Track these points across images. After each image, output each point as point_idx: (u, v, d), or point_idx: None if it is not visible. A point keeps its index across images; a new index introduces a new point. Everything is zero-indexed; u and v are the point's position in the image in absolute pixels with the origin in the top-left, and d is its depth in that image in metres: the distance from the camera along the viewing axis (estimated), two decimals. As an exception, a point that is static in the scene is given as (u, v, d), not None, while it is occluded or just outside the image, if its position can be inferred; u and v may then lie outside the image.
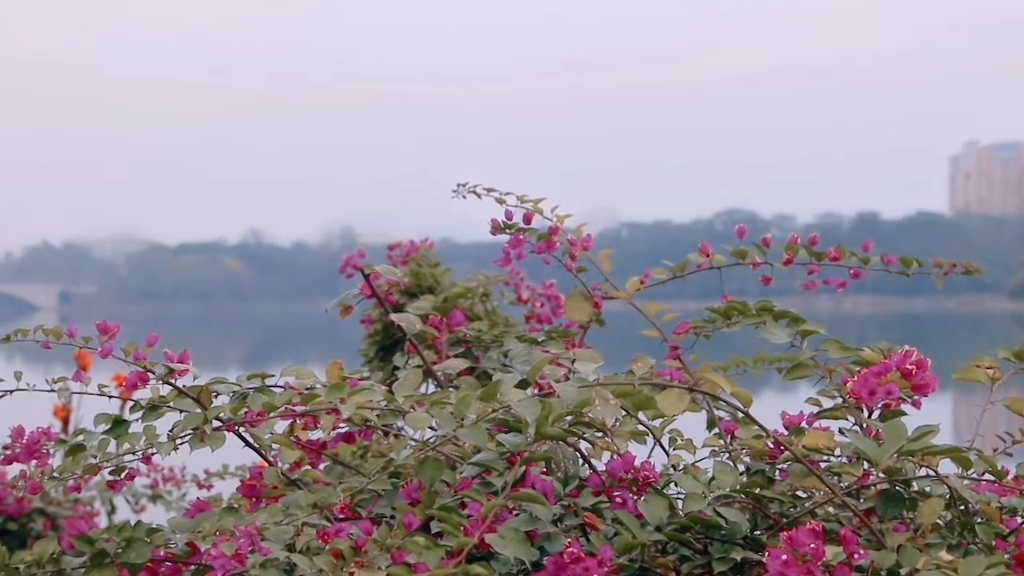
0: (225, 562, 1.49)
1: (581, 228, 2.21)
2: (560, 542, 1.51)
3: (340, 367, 1.92)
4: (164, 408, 1.82)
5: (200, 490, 4.56)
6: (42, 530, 4.40)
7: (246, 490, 1.87)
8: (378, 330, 3.24)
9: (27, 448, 1.88)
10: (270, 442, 1.85)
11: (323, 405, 1.71)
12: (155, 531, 1.65)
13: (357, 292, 2.20)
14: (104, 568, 1.63)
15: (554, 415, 1.51)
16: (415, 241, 3.30)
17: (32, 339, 1.88)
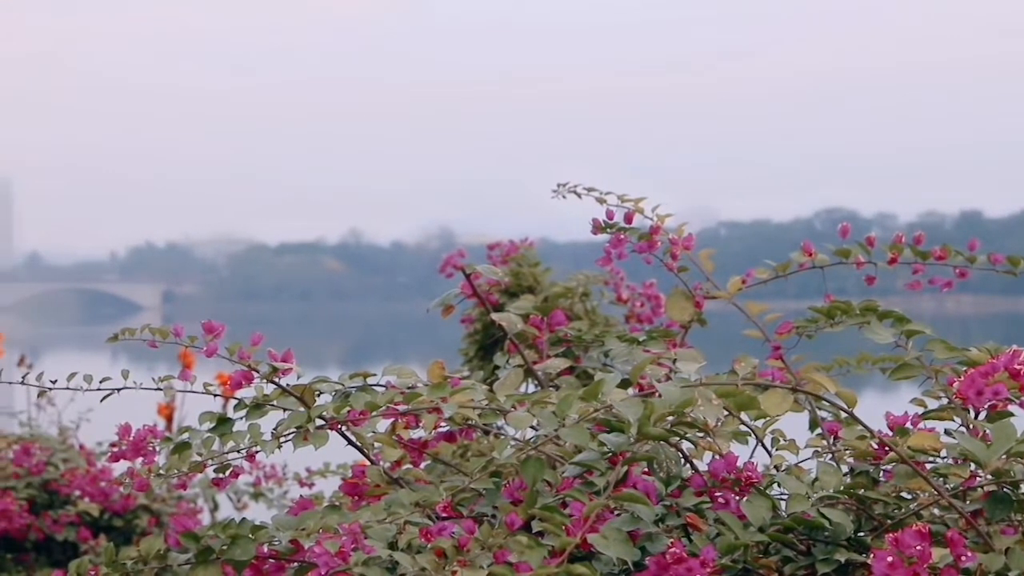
0: (328, 559, 1.50)
1: (682, 227, 2.20)
2: (662, 542, 1.51)
3: (441, 366, 1.92)
4: (268, 407, 1.84)
5: (302, 488, 4.60)
6: (147, 526, 4.46)
7: (348, 488, 1.88)
8: (478, 329, 3.25)
9: (134, 445, 1.91)
10: (372, 440, 1.86)
11: (425, 404, 1.72)
12: (259, 528, 1.67)
13: (458, 292, 2.21)
14: (209, 565, 1.65)
15: (656, 415, 1.51)
16: (515, 241, 3.30)
17: (139, 338, 1.91)
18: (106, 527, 4.45)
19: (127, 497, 4.42)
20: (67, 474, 4.48)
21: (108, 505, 4.45)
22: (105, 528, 4.45)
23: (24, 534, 4.31)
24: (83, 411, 5.08)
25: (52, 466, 4.50)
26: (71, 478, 4.48)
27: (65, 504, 4.45)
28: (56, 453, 4.58)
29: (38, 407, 5.46)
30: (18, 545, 4.34)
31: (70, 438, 4.95)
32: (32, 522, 4.32)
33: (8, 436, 4.78)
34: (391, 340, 65.04)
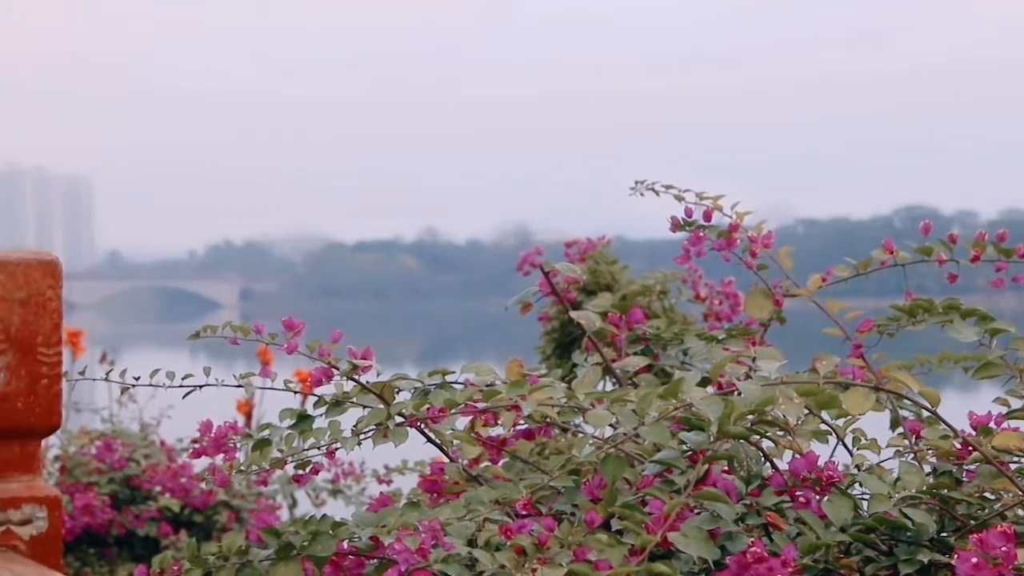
0: (409, 556, 1.51)
1: (761, 225, 2.19)
2: (742, 541, 1.50)
3: (520, 364, 1.92)
4: (347, 404, 1.84)
5: (380, 485, 4.62)
6: (227, 522, 4.50)
7: (427, 485, 1.89)
8: (555, 327, 3.25)
9: (215, 442, 1.92)
10: (451, 438, 1.86)
11: (504, 402, 1.72)
12: (339, 525, 1.67)
13: (536, 290, 2.21)
14: (290, 561, 1.66)
15: (736, 413, 1.50)
16: (592, 238, 3.30)
17: (221, 336, 1.92)
18: (187, 522, 4.49)
19: (208, 493, 4.46)
20: (148, 470, 4.53)
21: (189, 501, 4.49)
22: (186, 523, 4.49)
23: (107, 529, 4.36)
24: (164, 408, 5.12)
25: (134, 462, 4.55)
26: (152, 474, 4.52)
27: (146, 500, 4.49)
28: (138, 449, 4.63)
29: (120, 404, 5.52)
30: (101, 540, 4.38)
31: (151, 434, 5.00)
32: (114, 517, 4.37)
33: (91, 432, 4.84)
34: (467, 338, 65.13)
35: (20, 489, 1.15)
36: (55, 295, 1.17)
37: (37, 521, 1.15)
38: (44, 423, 1.17)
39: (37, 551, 1.15)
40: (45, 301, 1.16)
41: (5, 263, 1.15)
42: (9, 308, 1.15)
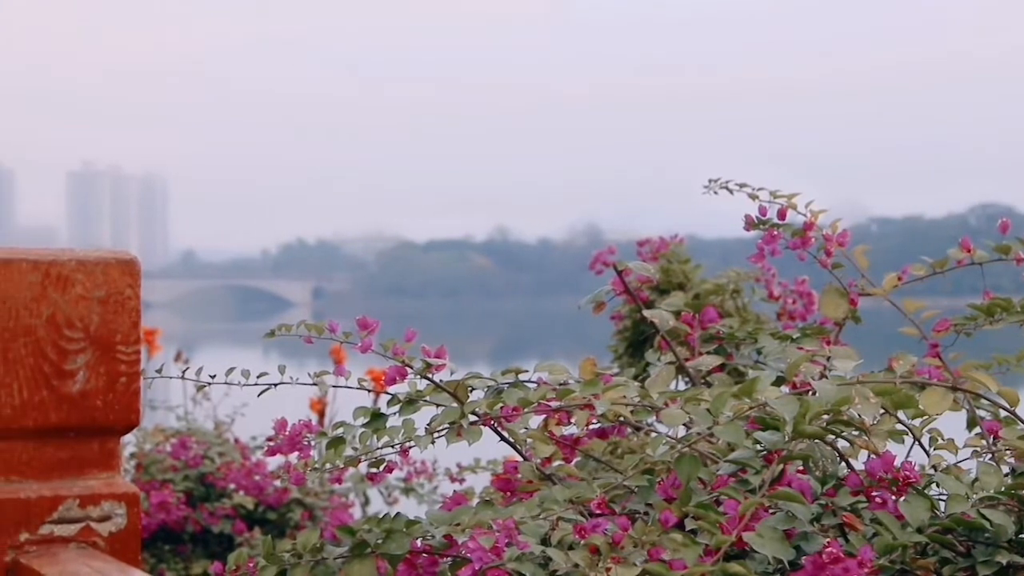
0: (483, 555, 1.51)
1: (836, 223, 2.17)
2: (817, 542, 1.49)
3: (593, 363, 1.92)
4: (421, 402, 1.85)
5: (452, 483, 4.62)
6: (300, 520, 4.52)
7: (501, 484, 1.89)
8: (627, 326, 3.24)
9: (290, 440, 1.93)
10: (524, 437, 1.86)
11: (577, 400, 1.72)
12: (413, 523, 1.68)
13: (609, 288, 2.21)
14: (364, 559, 1.66)
15: (812, 413, 1.49)
16: (664, 237, 3.28)
17: (295, 334, 1.93)
18: (260, 520, 4.52)
19: (281, 491, 4.49)
20: (223, 467, 4.56)
21: (262, 498, 4.52)
22: (259, 521, 4.52)
23: (182, 526, 4.39)
24: (238, 405, 5.16)
25: (208, 460, 4.58)
26: (227, 471, 4.55)
27: (221, 497, 4.52)
28: (212, 447, 4.66)
29: (194, 401, 5.56)
30: (176, 536, 4.42)
31: (225, 432, 5.03)
32: (189, 514, 4.40)
33: (166, 430, 4.88)
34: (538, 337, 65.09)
35: (99, 486, 1.17)
36: (134, 294, 1.18)
37: (116, 518, 1.16)
38: (123, 421, 1.18)
39: (116, 547, 1.16)
40: (124, 300, 1.17)
41: (85, 262, 1.16)
42: (89, 307, 1.16)
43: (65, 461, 1.16)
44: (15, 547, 1.14)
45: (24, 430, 1.14)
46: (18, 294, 1.14)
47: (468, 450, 2.26)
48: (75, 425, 1.16)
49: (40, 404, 1.14)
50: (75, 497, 1.15)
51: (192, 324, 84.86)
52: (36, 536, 1.14)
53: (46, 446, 1.16)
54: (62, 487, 1.15)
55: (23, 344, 1.14)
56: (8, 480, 1.14)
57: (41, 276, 1.15)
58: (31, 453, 1.15)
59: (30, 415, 1.14)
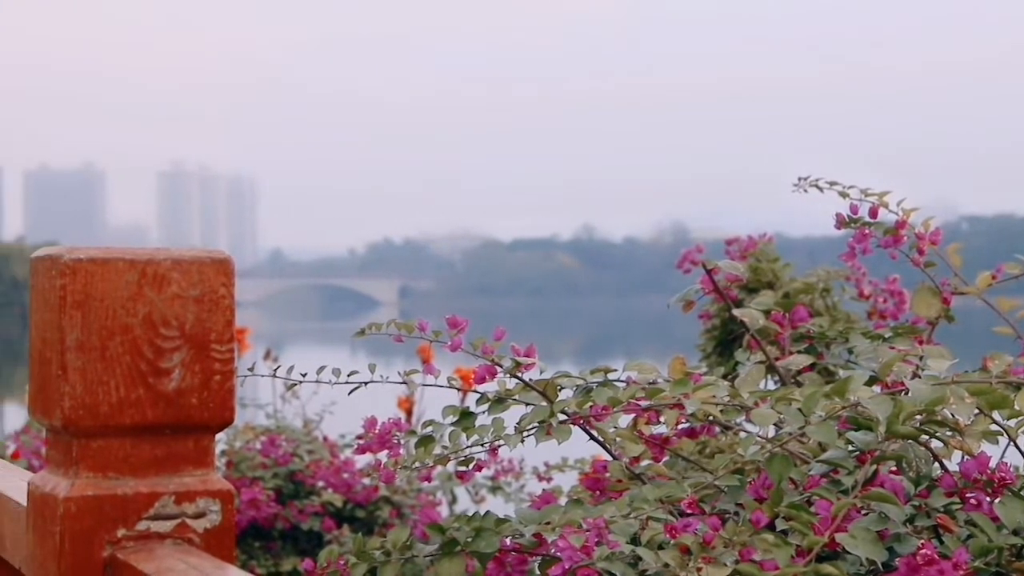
0: (573, 554, 1.51)
1: (928, 222, 2.15)
2: (911, 543, 1.47)
3: (683, 362, 1.91)
4: (510, 401, 1.85)
5: (540, 482, 4.62)
6: (388, 517, 4.54)
7: (590, 483, 1.89)
8: (716, 325, 3.23)
9: (379, 438, 1.94)
10: (614, 436, 1.86)
11: (667, 400, 1.71)
12: (503, 521, 1.68)
13: (698, 287, 2.20)
14: (454, 557, 1.67)
15: (905, 413, 1.47)
16: (752, 235, 3.27)
17: (385, 333, 1.94)
18: (349, 517, 4.54)
19: (370, 489, 4.51)
20: (312, 465, 4.59)
21: (351, 496, 4.54)
22: (348, 518, 4.54)
23: (271, 523, 4.43)
24: (326, 404, 5.19)
25: (298, 457, 4.61)
26: (316, 469, 4.58)
27: (310, 494, 4.55)
28: (301, 445, 4.69)
29: (283, 400, 5.61)
30: (266, 533, 4.46)
31: (314, 430, 5.06)
32: (279, 511, 4.43)
33: (256, 428, 4.92)
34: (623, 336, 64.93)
35: (194, 483, 1.18)
36: (228, 293, 1.19)
37: (211, 514, 1.18)
38: (217, 418, 1.19)
39: (211, 544, 1.17)
40: (218, 299, 1.18)
41: (180, 261, 1.17)
42: (184, 305, 1.17)
43: (161, 458, 1.17)
44: (112, 543, 1.15)
45: (121, 427, 1.15)
46: (115, 293, 1.15)
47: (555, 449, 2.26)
48: (171, 422, 1.17)
49: (137, 402, 1.15)
50: (171, 494, 1.17)
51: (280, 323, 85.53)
52: (133, 532, 1.16)
53: (142, 443, 1.17)
54: (158, 484, 1.17)
55: (120, 343, 1.15)
56: (106, 476, 1.16)
57: (137, 275, 1.16)
58: (128, 450, 1.17)
59: (127, 413, 1.15)
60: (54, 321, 1.15)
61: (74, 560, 1.14)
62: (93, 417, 1.14)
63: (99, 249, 1.17)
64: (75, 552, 1.14)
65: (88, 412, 1.14)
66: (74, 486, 1.15)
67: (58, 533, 1.14)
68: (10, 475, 1.55)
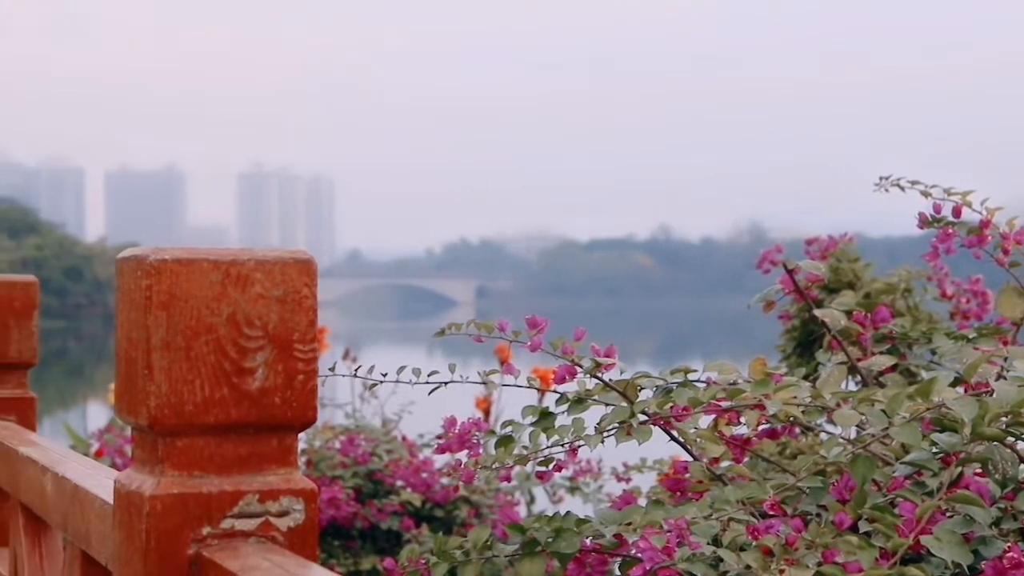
0: (654, 554, 1.50)
1: (1013, 221, 2.12)
2: (997, 546, 1.46)
3: (763, 363, 1.90)
4: (589, 401, 1.85)
5: (618, 483, 4.61)
6: (466, 517, 4.55)
7: (670, 484, 1.88)
8: (796, 326, 3.20)
9: (459, 438, 1.95)
10: (694, 437, 1.85)
11: (748, 400, 1.70)
12: (583, 522, 1.68)
13: (779, 287, 2.18)
14: (535, 557, 1.67)
15: (991, 414, 1.46)
16: (833, 235, 3.24)
17: (465, 333, 1.94)
18: (427, 517, 4.56)
19: (449, 488, 4.52)
20: (391, 465, 4.60)
21: (430, 496, 4.55)
22: (426, 518, 4.55)
23: (351, 522, 4.45)
24: (405, 403, 5.20)
25: (377, 457, 4.63)
26: (395, 469, 4.59)
27: (389, 494, 4.56)
28: (380, 444, 4.71)
29: (362, 399, 5.63)
30: (345, 532, 4.48)
31: (393, 429, 5.08)
32: (358, 510, 4.45)
33: (335, 427, 4.94)
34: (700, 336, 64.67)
35: (278, 482, 1.19)
36: (310, 293, 1.20)
37: (294, 513, 1.18)
38: (300, 418, 1.20)
39: (294, 542, 1.18)
40: (301, 299, 1.19)
41: (264, 262, 1.18)
42: (267, 306, 1.18)
43: (245, 457, 1.18)
44: (198, 540, 1.16)
45: (206, 426, 1.16)
46: (199, 293, 1.16)
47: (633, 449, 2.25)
48: (254, 422, 1.18)
49: (221, 401, 1.16)
50: (255, 492, 1.17)
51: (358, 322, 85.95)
52: (217, 530, 1.17)
53: (226, 442, 1.18)
54: (242, 482, 1.17)
55: (204, 342, 1.16)
56: (191, 475, 1.16)
57: (221, 275, 1.17)
58: (212, 449, 1.17)
59: (212, 411, 1.16)
60: (140, 321, 1.16)
61: (160, 557, 1.15)
62: (178, 416, 1.15)
63: (184, 250, 1.18)
64: (161, 550, 1.15)
65: (173, 411, 1.15)
66: (160, 484, 1.16)
67: (144, 531, 1.15)
68: (96, 473, 1.57)
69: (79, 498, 1.48)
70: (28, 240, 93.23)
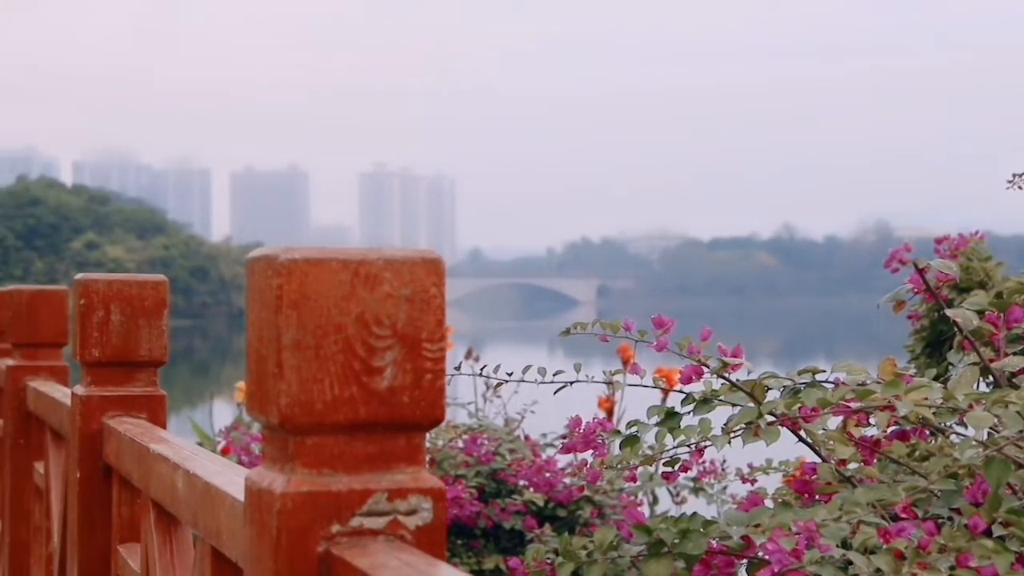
0: (783, 557, 1.49)
1: None
2: None
3: (893, 363, 1.87)
4: (716, 401, 1.84)
5: (743, 484, 4.57)
6: (589, 517, 4.54)
7: (798, 485, 1.86)
8: (925, 326, 3.16)
9: (584, 438, 1.94)
10: (823, 438, 1.83)
11: (878, 402, 1.68)
12: (710, 523, 1.67)
13: (909, 287, 2.15)
14: (661, 558, 1.66)
15: None
16: (963, 234, 3.18)
17: (590, 332, 1.94)
18: (550, 516, 4.55)
19: (572, 488, 4.51)
20: (514, 464, 4.60)
21: (552, 495, 4.55)
22: (549, 517, 4.55)
23: (474, 521, 4.46)
24: (527, 403, 5.21)
25: (499, 456, 4.63)
26: (518, 468, 4.59)
27: (512, 493, 4.57)
28: (503, 443, 4.71)
29: (485, 398, 5.64)
30: (468, 531, 4.49)
31: (516, 429, 5.08)
32: (481, 509, 4.46)
33: (458, 426, 4.96)
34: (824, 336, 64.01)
35: (406, 480, 1.19)
36: (438, 292, 1.20)
37: (422, 512, 1.18)
38: (428, 416, 1.20)
39: (422, 541, 1.18)
40: (429, 298, 1.19)
41: (392, 261, 1.18)
42: (396, 305, 1.18)
43: (373, 455, 1.19)
44: (327, 538, 1.17)
45: (335, 425, 1.17)
46: (329, 293, 1.17)
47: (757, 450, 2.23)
48: (383, 420, 1.18)
49: (350, 400, 1.17)
50: (383, 491, 1.18)
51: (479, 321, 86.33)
52: (346, 528, 1.17)
53: (355, 440, 1.18)
54: (371, 481, 1.18)
55: (334, 341, 1.17)
56: (320, 473, 1.17)
57: (350, 275, 1.17)
58: (341, 447, 1.18)
59: (341, 410, 1.16)
60: (270, 320, 1.17)
61: (290, 555, 1.16)
62: (308, 415, 1.16)
63: (314, 249, 1.19)
64: (291, 547, 1.16)
65: (303, 410, 1.16)
66: (290, 482, 1.16)
67: (275, 528, 1.16)
68: (225, 471, 1.58)
69: (210, 495, 1.49)
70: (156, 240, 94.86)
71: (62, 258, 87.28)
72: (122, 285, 2.38)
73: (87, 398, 2.36)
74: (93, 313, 2.36)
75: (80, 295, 2.37)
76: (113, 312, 2.36)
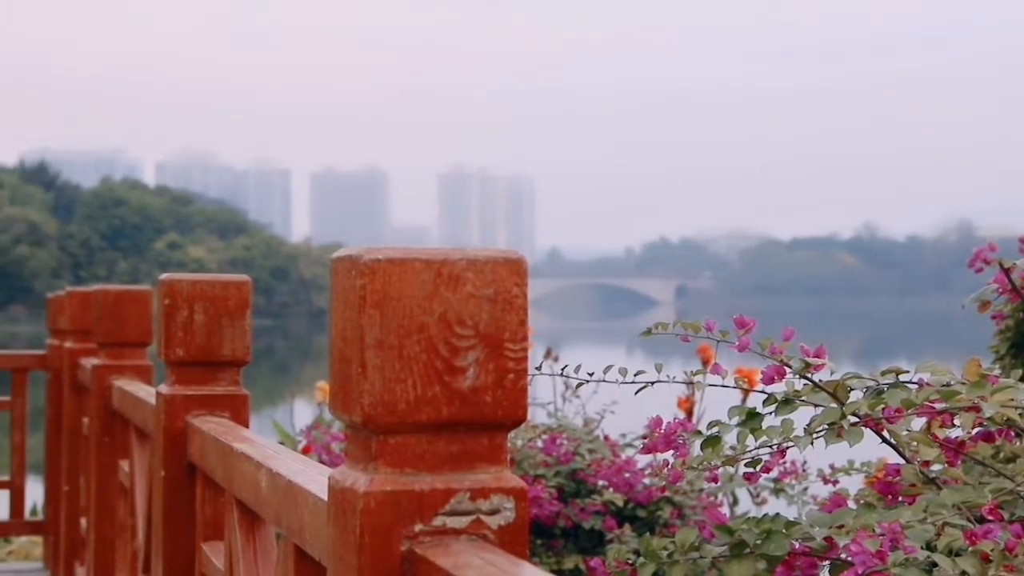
0: (867, 558, 1.48)
1: None
2: None
3: (978, 364, 1.85)
4: (797, 402, 1.82)
5: (824, 485, 4.54)
6: (669, 518, 4.52)
7: (882, 487, 1.84)
8: (1010, 326, 3.12)
9: (664, 438, 1.94)
10: (907, 439, 1.81)
11: (963, 402, 1.66)
12: (793, 524, 1.66)
13: (995, 287, 2.13)
14: (743, 559, 1.65)
15: None
16: (1049, 233, 3.14)
17: (671, 333, 1.93)
18: (629, 517, 4.54)
19: (652, 488, 4.50)
20: (593, 464, 4.60)
21: (632, 495, 4.54)
22: (628, 518, 4.54)
23: (553, 520, 4.46)
24: (607, 403, 5.20)
25: (579, 456, 4.63)
26: (597, 468, 4.59)
27: (591, 493, 4.56)
28: (582, 443, 4.70)
29: (564, 398, 5.64)
30: (547, 531, 4.49)
31: (595, 429, 5.08)
32: (561, 509, 4.46)
33: (537, 426, 4.96)
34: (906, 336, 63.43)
35: (488, 480, 1.19)
36: (521, 292, 1.20)
37: (505, 511, 1.19)
38: (510, 416, 1.20)
39: (505, 541, 1.18)
40: (512, 298, 1.19)
41: (475, 261, 1.19)
42: (478, 305, 1.18)
43: (456, 455, 1.19)
44: (410, 537, 1.17)
45: (418, 424, 1.17)
46: (412, 293, 1.17)
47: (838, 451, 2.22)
48: (465, 420, 1.18)
49: (433, 399, 1.17)
50: (466, 490, 1.18)
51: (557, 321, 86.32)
52: (429, 527, 1.17)
53: (438, 440, 1.19)
54: (453, 480, 1.18)
55: (416, 341, 1.17)
56: (403, 472, 1.18)
57: (433, 275, 1.18)
58: (424, 447, 1.18)
59: (423, 410, 1.17)
60: (354, 320, 1.18)
61: (373, 553, 1.17)
62: (391, 414, 1.17)
63: (396, 249, 1.19)
64: (374, 545, 1.16)
65: (386, 409, 1.16)
66: (373, 481, 1.17)
67: (358, 527, 1.17)
68: (308, 469, 1.59)
69: (293, 494, 1.50)
70: (237, 240, 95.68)
71: (145, 258, 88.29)
72: (205, 285, 2.40)
73: (171, 397, 2.38)
74: (177, 313, 2.38)
75: (164, 295, 2.39)
76: (196, 312, 2.38)
